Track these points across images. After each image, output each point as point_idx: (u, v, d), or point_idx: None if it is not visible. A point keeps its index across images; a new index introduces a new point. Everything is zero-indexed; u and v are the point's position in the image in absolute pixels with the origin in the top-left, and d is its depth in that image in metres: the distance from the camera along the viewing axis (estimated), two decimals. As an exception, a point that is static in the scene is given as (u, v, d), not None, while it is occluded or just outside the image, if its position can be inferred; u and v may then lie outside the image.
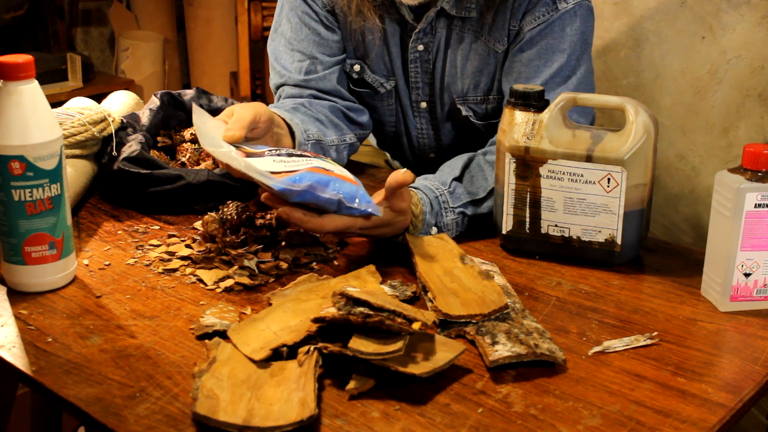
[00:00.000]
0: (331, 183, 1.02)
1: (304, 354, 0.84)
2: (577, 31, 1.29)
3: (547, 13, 1.29)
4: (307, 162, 1.06)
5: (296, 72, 1.41)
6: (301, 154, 1.09)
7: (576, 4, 1.29)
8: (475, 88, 1.37)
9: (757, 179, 0.97)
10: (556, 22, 1.29)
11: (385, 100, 1.45)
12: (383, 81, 1.42)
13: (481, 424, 0.78)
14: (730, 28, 1.59)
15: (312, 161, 1.06)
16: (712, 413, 0.80)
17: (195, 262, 1.09)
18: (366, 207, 1.03)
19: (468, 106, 1.39)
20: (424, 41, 1.36)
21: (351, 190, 1.03)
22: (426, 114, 1.44)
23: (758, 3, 1.55)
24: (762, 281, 0.99)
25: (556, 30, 1.29)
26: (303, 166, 1.04)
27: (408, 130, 1.48)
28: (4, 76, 0.96)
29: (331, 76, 1.40)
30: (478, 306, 0.94)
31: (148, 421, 0.77)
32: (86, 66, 3.12)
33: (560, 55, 1.29)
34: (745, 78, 1.59)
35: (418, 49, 1.37)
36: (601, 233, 1.10)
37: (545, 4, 1.29)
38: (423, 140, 1.48)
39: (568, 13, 1.29)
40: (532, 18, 1.29)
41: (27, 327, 0.94)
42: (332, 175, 1.03)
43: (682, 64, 1.66)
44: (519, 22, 1.31)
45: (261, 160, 1.05)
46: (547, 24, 1.29)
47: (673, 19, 1.66)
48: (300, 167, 1.03)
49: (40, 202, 0.98)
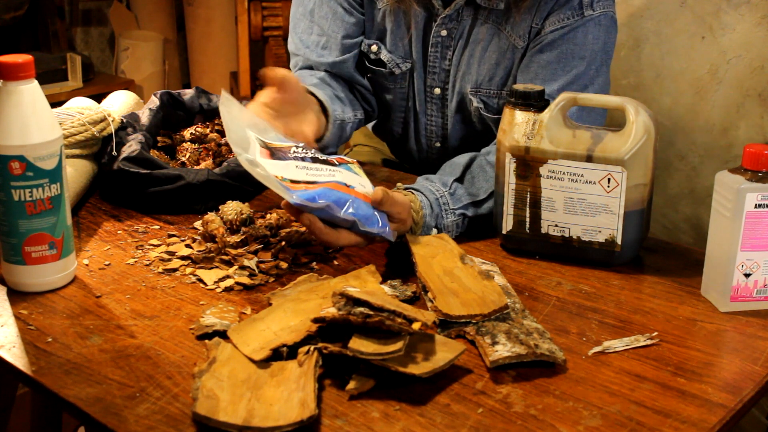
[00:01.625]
0: (349, 203, 1.02)
1: (304, 354, 0.84)
2: (599, 41, 1.29)
3: (572, 17, 1.29)
4: (330, 174, 1.06)
5: (313, 45, 1.43)
6: (326, 160, 1.09)
7: (602, 14, 1.28)
8: (490, 80, 1.37)
9: (758, 179, 0.97)
10: (580, 29, 1.28)
11: (398, 83, 1.45)
12: (399, 62, 1.42)
13: (481, 424, 0.78)
14: (730, 28, 1.59)
15: (335, 173, 1.06)
16: (712, 414, 0.80)
17: (195, 262, 1.09)
18: (379, 231, 1.04)
19: (480, 98, 1.39)
20: (449, 27, 1.37)
21: (367, 213, 1.03)
22: (438, 101, 1.44)
23: (758, 3, 1.55)
24: (762, 281, 0.99)
25: (578, 36, 1.29)
26: (324, 178, 1.04)
27: (417, 117, 1.48)
28: (4, 76, 0.96)
29: (348, 62, 1.42)
30: (478, 306, 0.94)
31: (148, 422, 0.77)
32: (86, 66, 3.12)
33: (580, 63, 1.29)
34: (745, 78, 1.59)
35: (441, 34, 1.38)
36: (602, 233, 1.10)
37: (571, 8, 1.28)
38: (431, 127, 1.48)
39: (593, 21, 1.28)
40: (557, 19, 1.29)
41: (27, 327, 0.94)
42: (351, 193, 1.04)
43: (682, 64, 1.66)
44: (542, 21, 1.31)
45: (283, 164, 1.04)
46: (571, 29, 1.28)
47: (673, 19, 1.66)
48: (321, 179, 1.04)
49: (40, 202, 0.98)
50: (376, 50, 1.42)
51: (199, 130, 1.41)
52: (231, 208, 1.17)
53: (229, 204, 1.18)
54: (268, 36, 3.36)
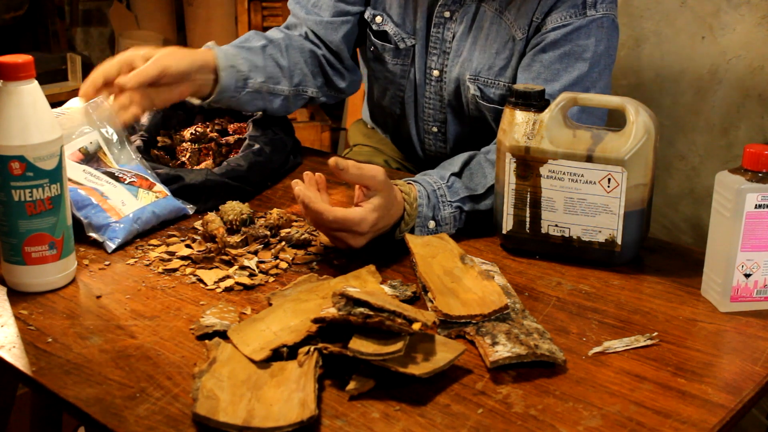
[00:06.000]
0: (88, 207, 1.13)
1: (304, 354, 0.84)
2: (602, 43, 1.29)
3: (574, 16, 1.29)
4: (99, 183, 1.17)
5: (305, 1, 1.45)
6: (117, 176, 1.19)
7: (604, 16, 1.29)
8: (489, 69, 1.38)
9: (758, 180, 0.97)
10: (583, 29, 1.28)
11: (401, 58, 1.45)
12: (405, 36, 1.43)
13: (481, 424, 0.78)
14: (730, 28, 1.59)
15: (105, 185, 1.16)
16: (712, 414, 0.80)
17: (195, 262, 1.09)
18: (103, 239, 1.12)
19: (477, 86, 1.39)
20: (452, 8, 1.38)
21: (102, 223, 1.13)
22: (436, 84, 1.44)
23: (758, 3, 1.55)
24: (762, 282, 0.99)
25: (581, 37, 1.29)
26: (89, 183, 1.15)
27: (417, 97, 1.49)
28: (4, 76, 0.96)
29: (336, 26, 1.43)
30: (478, 306, 0.94)
31: (148, 422, 0.77)
32: (86, 66, 3.12)
33: (582, 64, 1.29)
34: (745, 78, 1.59)
35: (444, 15, 1.38)
36: (602, 233, 1.10)
37: (573, 6, 1.28)
38: (429, 110, 1.48)
39: (595, 23, 1.28)
40: (559, 17, 1.29)
41: (27, 327, 0.94)
42: (101, 202, 1.14)
43: (682, 64, 1.66)
44: (543, 16, 1.31)
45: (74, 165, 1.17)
46: (573, 28, 1.29)
47: (673, 19, 1.66)
48: (86, 183, 1.15)
49: (40, 202, 0.98)
50: (380, 21, 1.42)
51: (199, 130, 1.41)
52: (231, 208, 1.17)
53: (229, 204, 1.18)
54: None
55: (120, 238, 1.12)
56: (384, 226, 1.10)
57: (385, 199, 1.08)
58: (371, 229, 1.07)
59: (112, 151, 1.23)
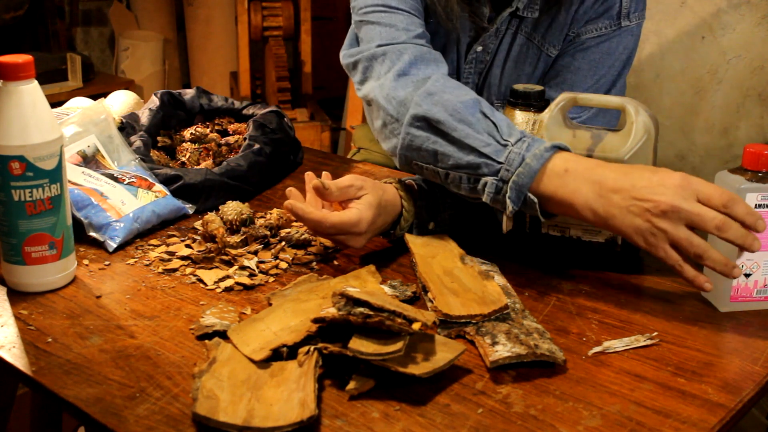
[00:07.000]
0: (89, 207, 1.13)
1: (304, 354, 0.84)
2: (627, 49, 1.31)
3: (609, 27, 1.30)
4: (99, 184, 1.17)
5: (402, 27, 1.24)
6: (116, 177, 1.20)
7: (637, 24, 1.30)
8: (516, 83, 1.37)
9: (758, 180, 0.97)
10: (615, 38, 1.30)
11: None
12: None
13: (481, 424, 0.78)
14: (730, 28, 1.59)
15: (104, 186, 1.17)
16: (712, 414, 0.80)
17: (195, 262, 1.09)
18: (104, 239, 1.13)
19: (502, 101, 1.39)
20: (485, 42, 1.36)
21: (102, 222, 1.13)
22: None
23: (758, 3, 1.55)
24: (762, 281, 0.99)
25: (612, 45, 1.30)
26: (88, 184, 1.17)
27: None
28: (4, 76, 0.96)
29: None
30: (478, 306, 0.94)
31: (148, 422, 0.77)
32: (86, 66, 3.13)
33: (605, 69, 1.31)
34: (745, 78, 1.59)
35: (476, 50, 1.37)
36: (602, 233, 1.10)
37: (609, 18, 1.30)
38: None
39: (628, 31, 1.30)
40: (594, 28, 1.30)
41: (27, 327, 0.94)
42: (101, 202, 1.14)
43: (682, 64, 1.66)
44: (579, 28, 1.31)
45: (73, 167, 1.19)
46: (607, 38, 1.30)
47: (673, 19, 1.66)
48: (86, 184, 1.16)
49: (40, 202, 0.98)
50: None
51: (199, 130, 1.41)
52: (231, 208, 1.17)
53: (229, 204, 1.18)
54: (268, 36, 3.36)
55: (120, 237, 1.13)
56: (383, 223, 1.10)
57: (376, 195, 1.08)
58: (370, 228, 1.07)
59: (110, 154, 1.23)
